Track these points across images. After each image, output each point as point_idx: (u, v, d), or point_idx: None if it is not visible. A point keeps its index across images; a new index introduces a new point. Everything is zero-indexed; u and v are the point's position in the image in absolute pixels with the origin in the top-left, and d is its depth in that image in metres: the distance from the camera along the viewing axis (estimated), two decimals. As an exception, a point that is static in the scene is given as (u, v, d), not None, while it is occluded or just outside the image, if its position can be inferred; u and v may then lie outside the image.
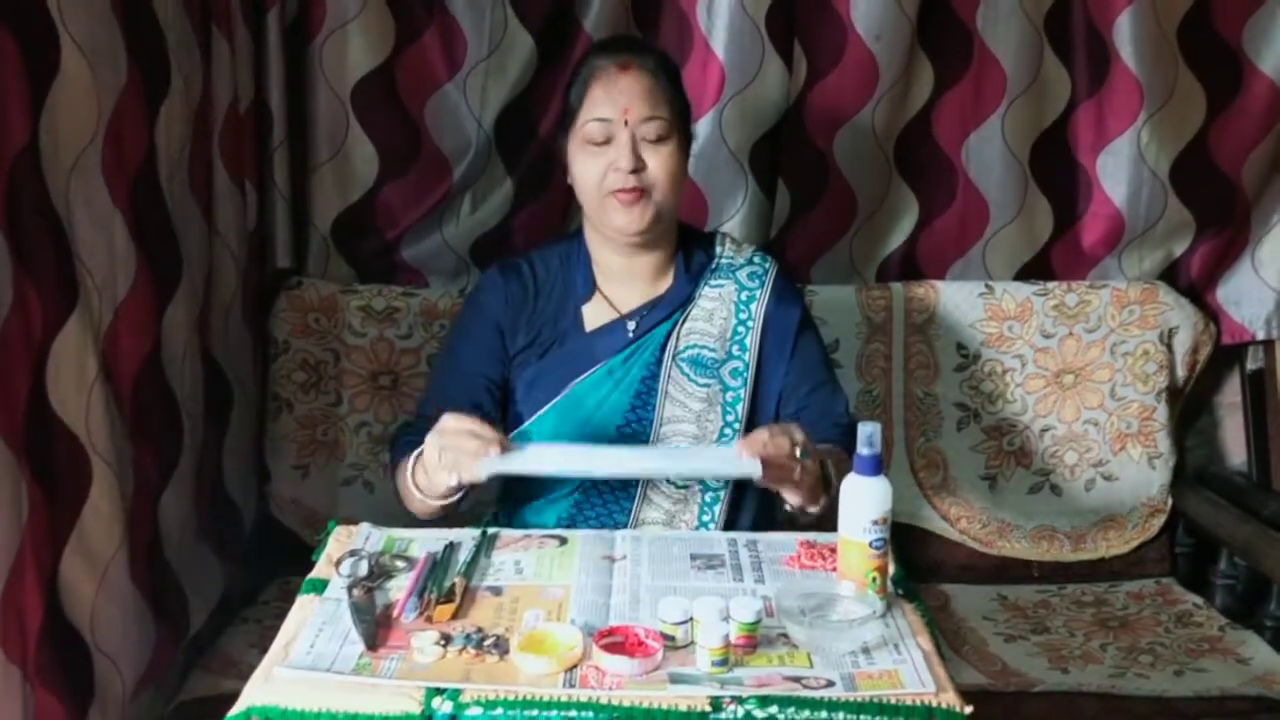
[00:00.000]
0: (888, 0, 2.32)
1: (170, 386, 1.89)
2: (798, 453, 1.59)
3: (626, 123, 1.77)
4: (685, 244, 1.93)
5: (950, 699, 1.24)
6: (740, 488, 1.86)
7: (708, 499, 1.86)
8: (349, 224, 2.39)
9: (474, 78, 2.35)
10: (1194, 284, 2.57)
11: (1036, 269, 2.54)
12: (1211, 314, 2.56)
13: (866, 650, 1.33)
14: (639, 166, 1.77)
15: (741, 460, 1.56)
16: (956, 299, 2.46)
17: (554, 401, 1.86)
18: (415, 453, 1.71)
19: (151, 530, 1.85)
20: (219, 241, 2.09)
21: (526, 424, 1.88)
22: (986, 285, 2.48)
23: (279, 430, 2.35)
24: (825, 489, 1.68)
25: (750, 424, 1.87)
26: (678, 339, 1.88)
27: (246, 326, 2.25)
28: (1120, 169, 2.46)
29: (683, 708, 1.22)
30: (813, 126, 2.42)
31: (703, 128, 2.35)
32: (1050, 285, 2.49)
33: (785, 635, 1.36)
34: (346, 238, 2.40)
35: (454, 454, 1.58)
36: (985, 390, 2.47)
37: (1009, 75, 2.42)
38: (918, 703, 1.23)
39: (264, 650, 1.34)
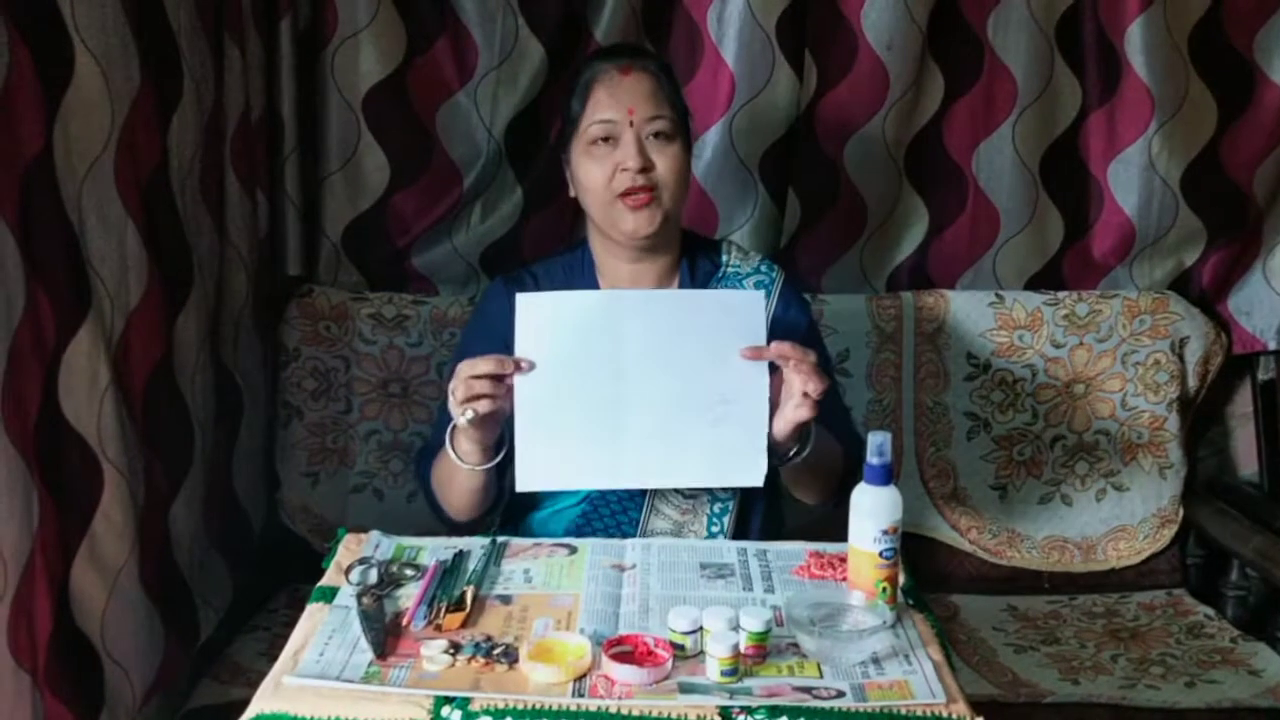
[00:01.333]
0: (899, 9, 2.32)
1: (181, 394, 1.89)
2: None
3: (632, 123, 1.76)
4: (690, 252, 1.92)
5: (960, 710, 1.23)
6: (748, 498, 1.85)
7: (716, 509, 1.85)
8: (360, 232, 2.40)
9: (485, 86, 2.36)
10: (1205, 294, 2.56)
11: (1047, 278, 2.53)
12: (1223, 324, 2.55)
13: (876, 660, 1.33)
14: (647, 165, 1.76)
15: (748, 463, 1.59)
16: (967, 308, 2.46)
17: None
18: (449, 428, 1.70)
19: (162, 538, 1.85)
20: (230, 249, 2.10)
21: None
22: (997, 294, 2.47)
23: (289, 438, 2.35)
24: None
25: None
26: None
27: (257, 334, 2.25)
28: (1131, 178, 2.45)
29: (692, 717, 1.22)
30: (823, 135, 2.42)
31: (713, 136, 2.35)
32: (1061, 295, 2.48)
33: (795, 645, 1.35)
34: (357, 246, 2.41)
35: (472, 388, 1.59)
36: (995, 400, 2.46)
37: (1020, 84, 2.42)
38: (928, 713, 1.23)
39: (273, 658, 1.34)
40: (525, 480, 1.64)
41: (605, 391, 1.62)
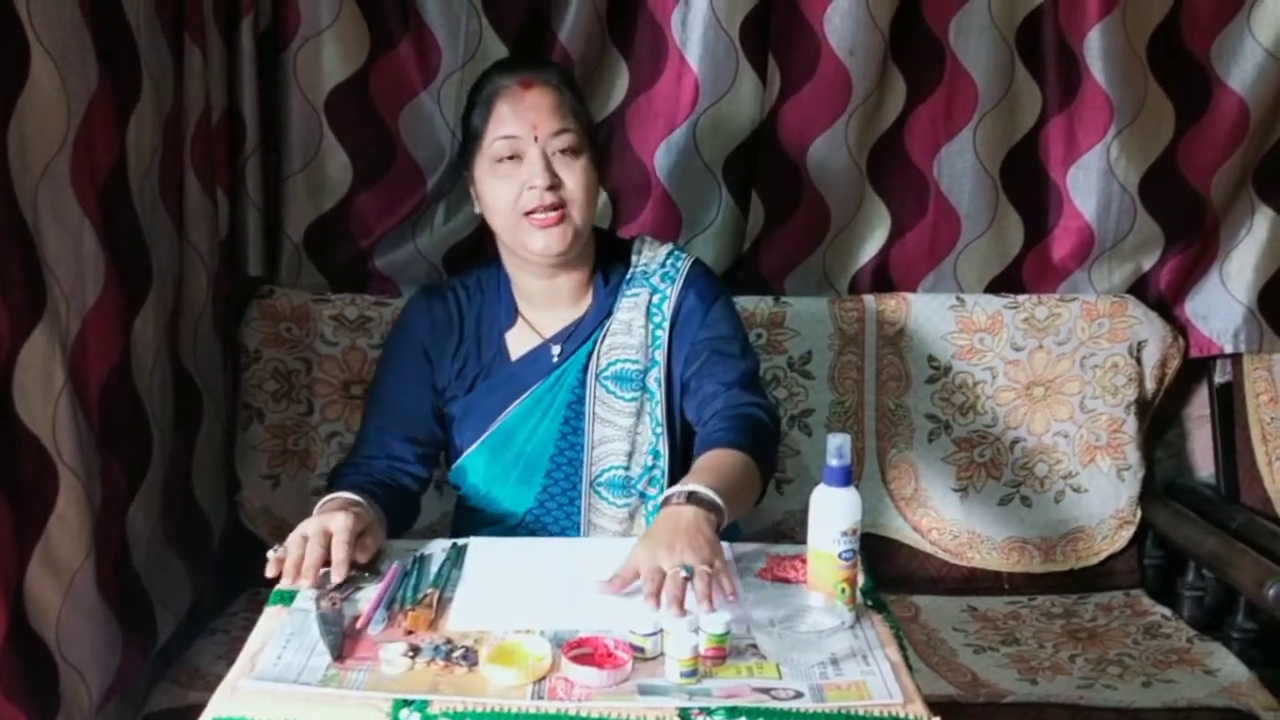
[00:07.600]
0: (861, 15, 2.33)
1: (139, 396, 1.88)
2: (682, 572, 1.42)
3: (536, 139, 1.73)
4: (603, 257, 1.90)
5: (918, 710, 1.24)
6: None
7: (650, 509, 1.84)
8: (321, 233, 2.38)
9: (448, 87, 2.35)
10: (1163, 297, 2.59)
11: (1007, 282, 2.55)
12: (1180, 327, 2.58)
13: (835, 661, 1.33)
14: (555, 183, 1.74)
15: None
16: (928, 311, 2.47)
17: (484, 437, 1.85)
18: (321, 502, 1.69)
19: (119, 541, 1.83)
20: (190, 250, 2.08)
21: (462, 459, 1.87)
22: (958, 298, 2.49)
23: (249, 440, 2.33)
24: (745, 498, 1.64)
25: (670, 421, 1.84)
26: (599, 358, 1.85)
27: (217, 335, 2.23)
28: (1090, 183, 2.47)
29: (651, 718, 1.22)
30: (786, 139, 2.43)
31: (677, 140, 2.36)
32: (1020, 298, 2.50)
33: (754, 646, 1.36)
34: (319, 247, 2.39)
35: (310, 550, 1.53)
36: (956, 402, 2.48)
37: (981, 89, 2.44)
38: (885, 714, 1.23)
39: (232, 661, 1.34)
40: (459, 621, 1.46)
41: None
